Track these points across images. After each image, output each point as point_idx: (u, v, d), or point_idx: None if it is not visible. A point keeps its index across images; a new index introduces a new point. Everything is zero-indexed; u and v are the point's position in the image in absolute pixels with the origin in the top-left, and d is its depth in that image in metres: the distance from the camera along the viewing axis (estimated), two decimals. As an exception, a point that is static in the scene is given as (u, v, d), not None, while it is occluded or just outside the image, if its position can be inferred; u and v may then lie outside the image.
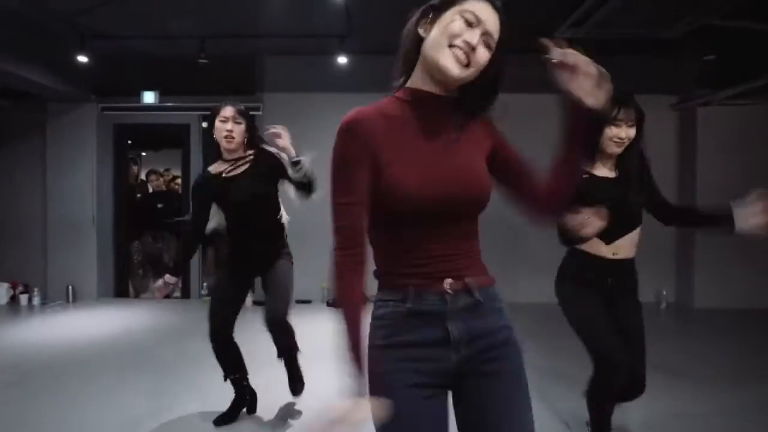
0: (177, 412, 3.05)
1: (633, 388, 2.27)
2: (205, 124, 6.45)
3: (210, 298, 2.98)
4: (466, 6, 1.15)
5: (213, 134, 2.74)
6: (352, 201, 1.14)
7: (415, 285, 1.18)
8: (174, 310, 5.75)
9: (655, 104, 6.02)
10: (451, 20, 1.14)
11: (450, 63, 1.13)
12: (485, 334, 1.20)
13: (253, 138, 2.80)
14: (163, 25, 5.14)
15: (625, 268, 2.25)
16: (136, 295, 6.65)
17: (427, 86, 1.20)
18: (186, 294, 6.41)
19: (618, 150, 2.18)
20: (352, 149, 1.15)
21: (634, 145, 2.20)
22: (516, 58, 5.04)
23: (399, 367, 1.17)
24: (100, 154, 6.34)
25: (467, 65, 1.14)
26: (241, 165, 2.74)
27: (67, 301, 6.11)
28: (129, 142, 6.83)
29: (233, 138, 2.69)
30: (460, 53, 1.13)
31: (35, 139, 6.31)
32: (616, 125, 2.14)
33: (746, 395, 3.17)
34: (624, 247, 2.22)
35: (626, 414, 2.65)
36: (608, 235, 2.12)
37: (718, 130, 5.85)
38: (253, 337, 2.99)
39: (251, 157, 2.76)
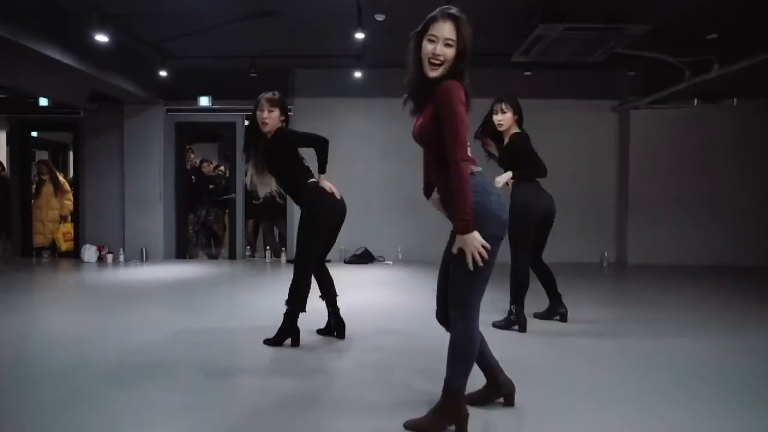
0: (207, 318, 4.40)
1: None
2: (246, 123, 8.06)
3: None
4: (430, 31, 1.88)
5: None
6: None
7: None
8: (221, 267, 7.35)
9: (600, 107, 7.76)
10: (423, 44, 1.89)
11: (428, 70, 1.90)
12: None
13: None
14: (222, 48, 6.76)
15: None
16: (191, 258, 8.28)
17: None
18: (233, 255, 8.10)
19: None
20: None
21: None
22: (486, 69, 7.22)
23: None
24: (165, 146, 7.95)
25: (440, 65, 1.88)
26: None
27: (142, 260, 7.78)
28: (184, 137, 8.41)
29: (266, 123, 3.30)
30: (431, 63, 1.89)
31: (115, 133, 7.93)
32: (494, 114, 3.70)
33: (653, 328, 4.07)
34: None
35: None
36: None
37: (647, 128, 7.52)
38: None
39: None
